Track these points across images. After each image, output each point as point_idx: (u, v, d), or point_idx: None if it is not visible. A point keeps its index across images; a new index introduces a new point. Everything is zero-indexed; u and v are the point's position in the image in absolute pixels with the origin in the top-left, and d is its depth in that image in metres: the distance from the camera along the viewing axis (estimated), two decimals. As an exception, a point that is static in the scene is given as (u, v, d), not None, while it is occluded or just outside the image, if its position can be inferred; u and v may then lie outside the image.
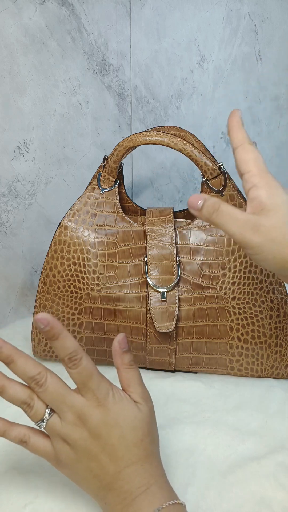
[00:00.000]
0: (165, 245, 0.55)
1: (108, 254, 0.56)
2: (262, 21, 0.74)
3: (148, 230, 0.55)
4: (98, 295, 0.55)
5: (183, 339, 0.55)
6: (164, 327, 0.53)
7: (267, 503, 0.40)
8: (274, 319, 0.54)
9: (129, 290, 0.55)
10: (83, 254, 0.55)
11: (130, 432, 0.36)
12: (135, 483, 0.35)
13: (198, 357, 0.55)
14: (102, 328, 0.56)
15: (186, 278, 0.55)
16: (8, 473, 0.42)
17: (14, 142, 0.61)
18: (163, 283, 0.54)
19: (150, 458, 0.37)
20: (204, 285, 0.54)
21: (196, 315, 0.54)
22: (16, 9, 0.56)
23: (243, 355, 0.55)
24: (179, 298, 0.54)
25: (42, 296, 0.57)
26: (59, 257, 0.56)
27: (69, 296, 0.56)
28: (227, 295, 0.54)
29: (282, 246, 0.36)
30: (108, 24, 0.64)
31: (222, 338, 0.54)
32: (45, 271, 0.56)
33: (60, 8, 0.60)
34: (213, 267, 0.54)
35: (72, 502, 0.40)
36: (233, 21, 0.72)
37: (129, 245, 0.56)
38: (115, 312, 0.55)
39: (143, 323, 0.55)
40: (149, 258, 0.55)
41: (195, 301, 0.54)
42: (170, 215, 0.56)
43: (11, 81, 0.58)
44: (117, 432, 0.36)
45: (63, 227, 0.56)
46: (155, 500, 0.34)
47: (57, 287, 0.56)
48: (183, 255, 0.55)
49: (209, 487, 0.41)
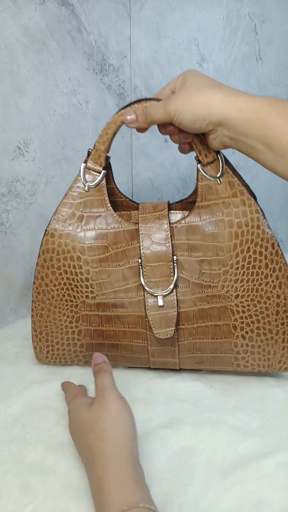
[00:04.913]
0: (160, 244, 0.51)
1: (100, 259, 0.52)
2: (262, 21, 0.74)
3: (141, 228, 0.52)
4: (94, 303, 0.53)
5: (185, 340, 0.53)
6: (163, 333, 0.51)
7: (267, 503, 0.40)
8: (281, 315, 0.51)
9: (125, 294, 0.53)
10: (74, 262, 0.52)
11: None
12: (91, 479, 0.38)
13: (202, 356, 0.54)
14: (101, 335, 0.54)
15: (184, 278, 0.52)
16: (8, 473, 0.42)
17: (14, 142, 0.61)
18: (160, 286, 0.51)
19: (95, 459, 0.38)
20: (205, 284, 0.51)
21: (197, 316, 0.52)
22: (16, 9, 0.56)
23: (248, 352, 0.53)
24: (178, 300, 0.52)
25: (38, 306, 0.55)
26: (49, 266, 0.53)
27: (64, 304, 0.54)
28: (229, 293, 0.51)
29: (193, 106, 0.45)
30: (108, 24, 0.64)
31: (225, 337, 0.52)
32: (37, 281, 0.54)
33: (60, 8, 0.60)
34: (213, 264, 0.51)
35: (72, 502, 0.40)
36: (233, 21, 0.72)
37: (121, 246, 0.53)
38: (113, 319, 0.53)
39: (142, 327, 0.53)
40: (144, 260, 0.52)
41: (195, 301, 0.52)
42: (164, 210, 0.52)
43: (11, 81, 0.58)
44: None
45: (49, 235, 0.53)
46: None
47: (51, 296, 0.54)
48: (181, 253, 0.52)
49: (209, 487, 0.41)
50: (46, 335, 0.56)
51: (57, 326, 0.55)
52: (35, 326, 0.56)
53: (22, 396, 0.52)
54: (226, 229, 0.50)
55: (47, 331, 0.55)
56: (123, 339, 0.54)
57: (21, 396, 0.52)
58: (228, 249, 0.50)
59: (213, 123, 0.45)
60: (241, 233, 0.50)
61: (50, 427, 0.48)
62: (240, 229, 0.50)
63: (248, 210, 0.50)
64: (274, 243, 0.50)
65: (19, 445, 0.45)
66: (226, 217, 0.50)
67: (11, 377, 0.56)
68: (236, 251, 0.50)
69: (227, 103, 0.44)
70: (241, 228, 0.50)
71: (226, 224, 0.50)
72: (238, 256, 0.50)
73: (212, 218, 0.51)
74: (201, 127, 0.46)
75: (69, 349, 0.56)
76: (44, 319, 0.55)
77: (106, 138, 0.51)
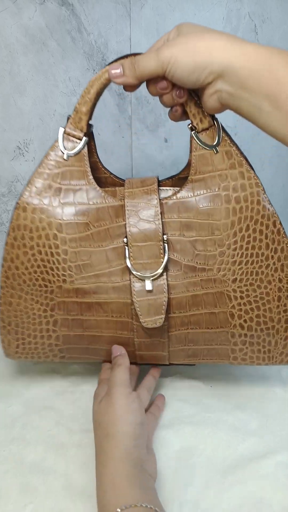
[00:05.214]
0: (148, 221, 0.45)
1: (79, 238, 0.46)
2: (262, 21, 0.74)
3: (128, 204, 0.46)
4: (72, 288, 0.46)
5: (176, 330, 0.47)
6: (151, 322, 0.45)
7: (267, 503, 0.40)
8: (283, 301, 0.46)
9: (108, 279, 0.46)
10: (49, 240, 0.46)
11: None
12: (96, 474, 0.39)
13: (195, 349, 0.48)
14: (81, 325, 0.48)
15: (176, 260, 0.46)
16: (8, 473, 0.42)
17: (14, 142, 0.61)
18: (148, 269, 0.45)
19: (98, 455, 0.40)
20: (199, 267, 0.46)
21: (190, 303, 0.46)
22: (16, 9, 0.56)
23: (247, 344, 0.48)
24: (169, 285, 0.46)
25: (7, 292, 0.48)
26: (20, 245, 0.46)
27: (38, 290, 0.47)
28: (226, 277, 0.45)
29: (191, 54, 0.39)
30: (108, 24, 0.64)
31: (222, 327, 0.47)
32: (6, 263, 0.47)
33: (60, 8, 0.60)
34: (209, 244, 0.45)
35: (72, 502, 0.40)
36: (233, 21, 0.72)
37: (105, 224, 0.46)
38: (94, 306, 0.47)
39: (128, 316, 0.47)
40: (130, 239, 0.45)
41: (188, 286, 0.46)
42: (154, 184, 0.47)
43: (11, 81, 0.58)
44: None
45: (21, 209, 0.46)
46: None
47: (22, 281, 0.47)
48: (172, 232, 0.46)
49: (209, 487, 0.41)
50: (16, 327, 0.49)
51: (28, 315, 0.48)
52: (3, 316, 0.49)
53: (22, 396, 0.52)
54: (223, 205, 0.45)
55: (17, 322, 0.49)
56: (106, 329, 0.48)
57: (21, 396, 0.52)
58: (225, 227, 0.45)
59: (214, 73, 0.39)
60: (239, 209, 0.45)
61: (50, 427, 0.48)
62: (238, 205, 0.45)
63: (248, 184, 0.44)
64: (276, 220, 0.45)
65: (19, 445, 0.45)
66: (223, 192, 0.45)
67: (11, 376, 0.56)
68: (234, 229, 0.45)
69: (232, 49, 0.38)
70: (240, 204, 0.44)
71: (223, 199, 0.45)
72: (236, 235, 0.45)
73: (207, 193, 0.45)
74: (199, 78, 0.39)
75: (42, 342, 0.49)
76: (13, 308, 0.48)
77: (88, 98, 0.45)
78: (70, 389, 0.53)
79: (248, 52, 0.37)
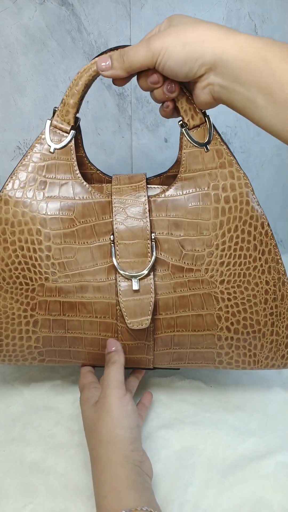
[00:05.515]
0: (136, 219, 0.44)
1: (64, 234, 0.45)
2: (262, 21, 0.74)
3: (115, 200, 0.45)
4: (55, 286, 0.45)
5: (162, 333, 0.46)
6: (137, 323, 0.44)
7: (267, 503, 0.40)
8: (270, 304, 0.46)
9: (93, 277, 0.45)
10: (32, 236, 0.44)
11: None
12: (93, 481, 0.38)
13: (180, 352, 0.47)
14: (63, 326, 0.46)
15: (163, 260, 0.45)
16: (8, 473, 0.42)
17: (14, 142, 0.61)
18: (135, 268, 0.44)
19: (94, 462, 0.39)
20: (186, 267, 0.45)
21: (177, 305, 0.45)
22: (16, 9, 0.56)
23: (233, 347, 0.47)
24: (155, 285, 0.45)
25: None
26: (0, 240, 0.44)
27: (18, 288, 0.45)
28: (214, 278, 0.45)
29: (183, 44, 0.37)
30: (108, 24, 0.64)
31: (208, 329, 0.46)
32: None
33: (60, 8, 0.60)
34: (197, 244, 0.44)
35: (72, 502, 0.40)
36: (233, 21, 0.72)
37: (91, 220, 0.45)
38: (77, 306, 0.45)
39: (112, 317, 0.45)
40: (117, 237, 0.44)
41: (175, 287, 0.45)
42: (142, 181, 0.46)
43: (11, 81, 0.58)
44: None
45: (3, 202, 0.44)
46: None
47: (1, 278, 0.45)
48: (160, 231, 0.45)
49: (209, 487, 0.41)
50: None
51: (7, 315, 0.46)
52: None
53: (22, 396, 0.52)
54: (212, 204, 0.44)
55: None
56: (89, 331, 0.46)
57: (21, 396, 0.52)
58: (213, 227, 0.44)
59: (206, 65, 0.37)
60: (228, 209, 0.44)
61: (50, 427, 0.48)
62: (227, 205, 0.44)
63: (237, 184, 0.44)
64: (263, 222, 0.45)
65: (19, 445, 0.45)
66: (213, 191, 0.44)
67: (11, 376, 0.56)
68: (223, 230, 0.44)
69: (225, 39, 0.36)
70: (229, 204, 0.44)
71: (212, 199, 0.44)
72: (224, 235, 0.44)
73: (196, 192, 0.44)
74: (191, 70, 0.38)
75: (21, 344, 0.47)
76: None
77: (76, 90, 0.43)
78: (70, 389, 0.53)
79: (241, 42, 0.36)
